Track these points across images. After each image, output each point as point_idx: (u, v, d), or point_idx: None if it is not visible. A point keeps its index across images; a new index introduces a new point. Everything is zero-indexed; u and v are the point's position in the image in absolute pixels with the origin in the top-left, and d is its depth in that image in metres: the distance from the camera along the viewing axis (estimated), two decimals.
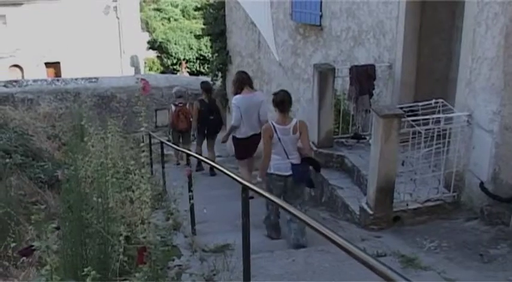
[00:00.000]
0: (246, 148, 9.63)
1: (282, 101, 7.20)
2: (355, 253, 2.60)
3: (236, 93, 9.58)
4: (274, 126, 7.18)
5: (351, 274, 5.66)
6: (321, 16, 11.85)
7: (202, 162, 12.19)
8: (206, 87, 12.66)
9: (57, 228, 3.18)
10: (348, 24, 10.88)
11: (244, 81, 9.57)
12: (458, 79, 7.44)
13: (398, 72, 9.13)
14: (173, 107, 13.45)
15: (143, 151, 4.58)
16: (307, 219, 3.51)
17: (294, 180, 7.19)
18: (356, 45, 10.65)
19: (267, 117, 9.26)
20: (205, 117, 12.04)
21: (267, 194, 4.32)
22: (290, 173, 7.15)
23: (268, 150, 7.19)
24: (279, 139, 7.13)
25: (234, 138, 9.73)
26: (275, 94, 7.45)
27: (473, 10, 6.94)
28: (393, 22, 9.25)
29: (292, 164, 7.14)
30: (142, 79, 3.94)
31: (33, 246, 2.98)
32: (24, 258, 3.42)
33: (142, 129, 4.15)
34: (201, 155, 11.08)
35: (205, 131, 12.25)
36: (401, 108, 7.35)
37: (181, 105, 13.27)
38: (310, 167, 7.40)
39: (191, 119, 12.74)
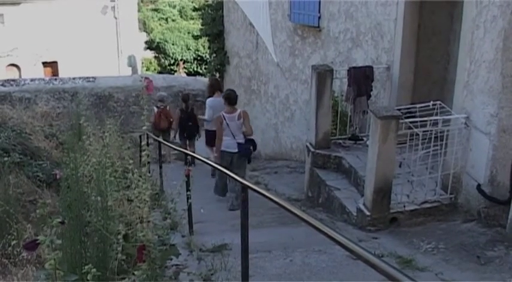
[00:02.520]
0: (214, 138, 11.07)
1: (230, 97, 9.89)
2: (357, 252, 2.61)
3: (209, 96, 12.26)
4: (224, 116, 9.73)
5: (348, 274, 5.68)
6: (319, 17, 11.88)
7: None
8: (185, 98, 14.70)
9: (62, 222, 3.17)
10: (346, 25, 10.90)
11: (215, 87, 12.27)
12: (456, 81, 7.46)
13: (396, 74, 9.15)
14: (155, 109, 15.22)
15: (144, 150, 4.57)
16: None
17: (239, 155, 9.73)
18: (354, 46, 10.67)
19: None
20: (184, 123, 14.24)
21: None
22: (237, 150, 9.70)
23: (220, 134, 9.79)
24: (228, 124, 9.68)
25: (206, 130, 12.30)
26: (225, 92, 10.40)
27: (472, 13, 6.96)
28: (391, 24, 9.27)
29: (238, 143, 9.71)
30: (146, 78, 3.92)
31: (37, 240, 2.98)
32: (28, 252, 3.43)
33: (144, 128, 4.16)
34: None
35: (185, 134, 14.39)
36: (399, 109, 7.37)
37: (162, 107, 15.10)
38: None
39: (171, 120, 15.00)
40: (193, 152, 13.67)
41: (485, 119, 6.75)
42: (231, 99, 9.89)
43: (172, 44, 38.71)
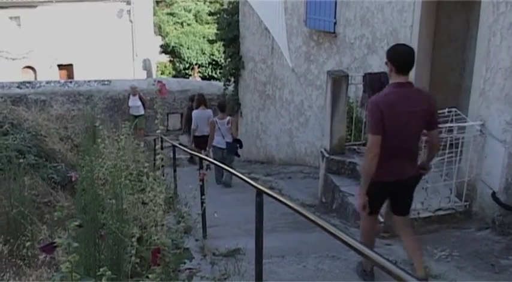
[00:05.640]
0: (200, 142, 13.89)
1: (220, 106, 12.84)
2: (373, 258, 2.61)
3: (196, 109, 14.47)
4: (216, 121, 12.52)
5: (361, 281, 5.67)
6: (335, 23, 11.87)
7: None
8: (193, 98, 16.34)
9: (80, 225, 3.18)
10: (362, 31, 10.89)
11: (200, 102, 14.46)
12: (472, 88, 7.43)
13: (412, 80, 9.11)
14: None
15: (158, 154, 4.59)
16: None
17: (227, 151, 12.53)
18: (370, 52, 10.65)
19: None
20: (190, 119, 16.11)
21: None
22: (225, 147, 12.46)
23: (212, 134, 12.56)
24: (219, 128, 12.44)
25: (194, 136, 14.37)
26: (217, 102, 13.85)
27: (488, 19, 6.94)
28: (407, 30, 9.25)
29: (227, 142, 12.47)
30: (159, 81, 3.93)
31: (55, 242, 3.00)
32: (44, 254, 3.44)
33: (158, 131, 4.17)
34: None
35: None
36: None
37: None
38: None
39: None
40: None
41: (500, 127, 6.72)
42: (222, 107, 12.79)
43: (188, 48, 38.82)
